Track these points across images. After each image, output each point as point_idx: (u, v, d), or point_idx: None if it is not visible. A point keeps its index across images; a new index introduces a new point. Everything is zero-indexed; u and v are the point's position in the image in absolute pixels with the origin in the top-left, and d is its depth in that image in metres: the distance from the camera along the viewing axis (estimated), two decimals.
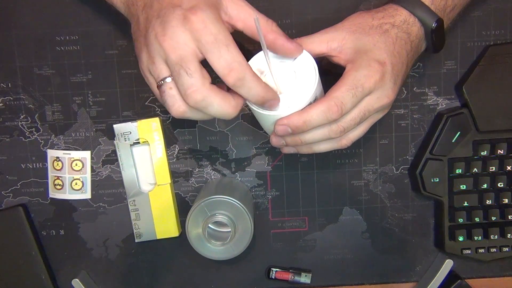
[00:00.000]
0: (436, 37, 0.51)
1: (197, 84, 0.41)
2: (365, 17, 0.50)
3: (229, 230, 0.53)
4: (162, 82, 0.43)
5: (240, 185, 0.61)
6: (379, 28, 0.49)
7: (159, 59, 0.43)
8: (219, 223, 0.54)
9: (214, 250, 0.54)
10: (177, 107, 0.43)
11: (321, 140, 0.48)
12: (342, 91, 0.45)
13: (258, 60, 0.48)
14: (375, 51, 0.47)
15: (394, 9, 0.50)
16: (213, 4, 0.43)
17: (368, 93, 0.47)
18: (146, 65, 0.44)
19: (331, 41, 0.49)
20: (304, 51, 0.48)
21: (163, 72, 0.43)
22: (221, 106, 0.43)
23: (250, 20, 0.45)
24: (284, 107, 0.46)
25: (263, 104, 0.45)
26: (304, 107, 0.46)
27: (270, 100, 0.45)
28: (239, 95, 0.43)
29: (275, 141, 0.50)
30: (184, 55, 0.41)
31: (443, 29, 0.51)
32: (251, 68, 0.42)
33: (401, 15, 0.50)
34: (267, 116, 0.47)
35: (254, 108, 0.47)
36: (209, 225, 0.53)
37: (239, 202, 0.53)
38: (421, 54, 0.54)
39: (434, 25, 0.50)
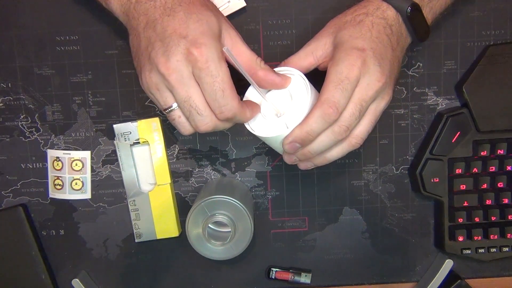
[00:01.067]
0: (416, 23, 0.50)
1: (207, 120, 0.45)
2: (339, 17, 0.51)
3: (229, 230, 0.53)
4: (169, 110, 0.46)
5: (240, 185, 0.61)
6: (353, 20, 0.49)
7: (164, 88, 0.45)
8: (219, 223, 0.54)
9: (214, 250, 0.54)
10: (188, 130, 0.47)
11: (329, 145, 0.48)
12: (330, 90, 0.45)
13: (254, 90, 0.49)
14: (351, 41, 0.47)
15: (366, 1, 0.50)
16: (216, 36, 0.45)
17: (356, 82, 0.46)
18: (148, 88, 0.46)
19: (315, 51, 0.50)
20: (293, 69, 0.49)
21: (169, 101, 0.46)
22: (228, 126, 0.48)
23: (242, 58, 0.47)
24: (286, 126, 0.48)
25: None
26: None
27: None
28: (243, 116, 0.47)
29: (287, 158, 0.50)
30: (191, 94, 0.44)
31: (421, 14, 0.50)
32: (240, 108, 0.46)
33: (373, 4, 0.50)
34: (273, 139, 0.48)
35: (259, 135, 0.49)
36: (209, 225, 0.53)
37: (239, 202, 0.53)
38: (412, 45, 0.53)
39: (408, 9, 0.49)
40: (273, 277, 0.63)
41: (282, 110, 0.49)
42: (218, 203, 0.53)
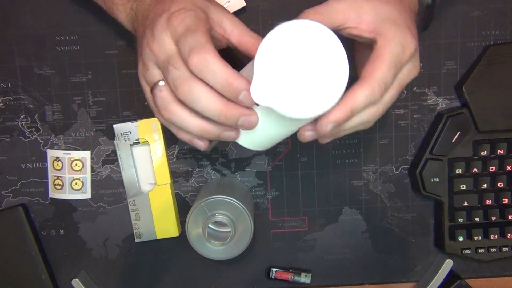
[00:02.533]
0: (427, 13, 0.50)
1: (183, 76, 0.40)
2: None
3: (229, 230, 0.53)
4: (154, 86, 0.43)
5: (240, 185, 0.61)
6: None
7: (152, 65, 0.43)
8: (219, 223, 0.54)
9: (214, 250, 0.54)
10: (165, 109, 0.42)
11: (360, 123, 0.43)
12: (384, 71, 0.41)
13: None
14: (402, 21, 0.44)
15: None
16: (201, 8, 0.43)
17: (405, 65, 0.44)
18: (142, 72, 0.44)
19: (347, 11, 0.43)
20: (321, 26, 0.39)
21: (156, 77, 0.43)
22: (208, 99, 0.40)
23: (245, 37, 0.44)
24: (310, 105, 0.38)
25: (235, 96, 0.40)
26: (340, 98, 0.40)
27: (240, 89, 0.39)
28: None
29: (308, 136, 0.43)
30: (171, 54, 0.41)
31: (434, 7, 0.50)
32: (208, 46, 0.39)
33: None
34: (293, 122, 0.40)
35: (279, 111, 0.39)
36: (209, 225, 0.53)
37: (239, 202, 0.53)
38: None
39: (429, 1, 0.48)
40: (273, 277, 0.63)
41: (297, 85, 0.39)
42: (218, 203, 0.53)
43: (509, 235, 0.61)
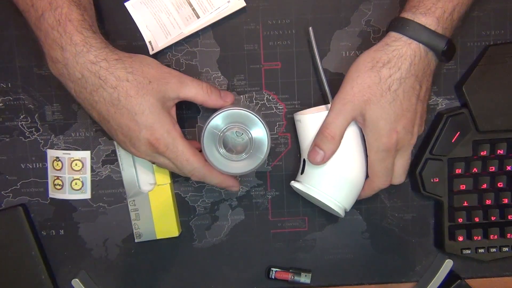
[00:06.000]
0: (447, 54, 0.51)
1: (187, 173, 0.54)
2: (372, 77, 0.50)
3: (245, 140, 0.52)
4: None
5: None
6: (387, 91, 0.50)
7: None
8: (234, 140, 0.53)
9: (233, 166, 0.53)
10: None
11: None
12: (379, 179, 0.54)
13: None
14: (387, 127, 0.51)
15: (399, 48, 0.50)
16: (165, 113, 0.51)
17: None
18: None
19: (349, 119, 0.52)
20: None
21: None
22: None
23: (193, 96, 0.53)
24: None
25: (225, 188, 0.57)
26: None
27: (231, 186, 0.56)
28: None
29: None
30: (166, 164, 0.53)
31: (453, 45, 0.51)
32: (209, 168, 0.52)
33: (407, 56, 0.50)
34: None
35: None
36: (225, 138, 0.52)
37: (251, 111, 0.52)
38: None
39: (444, 47, 0.50)
40: (273, 277, 0.63)
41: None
42: (232, 116, 0.52)
43: (509, 235, 0.61)
